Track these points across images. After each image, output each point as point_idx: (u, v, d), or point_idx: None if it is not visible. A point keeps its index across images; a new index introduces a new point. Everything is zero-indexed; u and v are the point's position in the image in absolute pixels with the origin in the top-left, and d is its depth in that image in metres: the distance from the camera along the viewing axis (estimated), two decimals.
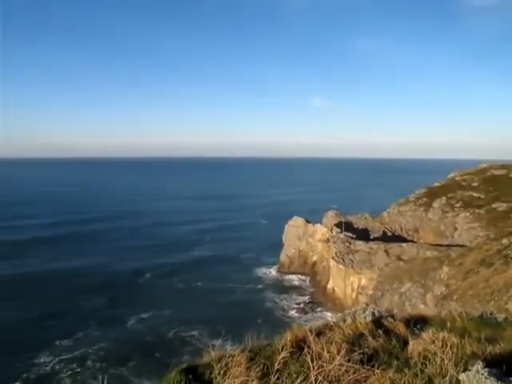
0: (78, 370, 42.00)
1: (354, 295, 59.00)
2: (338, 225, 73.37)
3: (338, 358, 6.16)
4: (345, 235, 67.48)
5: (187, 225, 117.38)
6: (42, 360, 44.08)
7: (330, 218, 79.34)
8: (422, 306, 46.62)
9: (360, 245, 63.02)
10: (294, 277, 73.52)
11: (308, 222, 79.85)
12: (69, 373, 41.58)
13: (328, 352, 6.51)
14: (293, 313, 58.10)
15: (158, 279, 70.62)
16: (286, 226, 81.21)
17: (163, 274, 73.20)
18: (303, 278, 73.22)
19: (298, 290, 67.72)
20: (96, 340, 48.81)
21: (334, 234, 69.86)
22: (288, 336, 8.21)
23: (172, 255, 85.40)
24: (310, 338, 7.10)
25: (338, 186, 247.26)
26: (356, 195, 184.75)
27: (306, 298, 63.77)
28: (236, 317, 52.44)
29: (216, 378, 8.54)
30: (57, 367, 42.67)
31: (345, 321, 7.62)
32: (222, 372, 8.34)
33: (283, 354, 7.24)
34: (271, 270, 77.49)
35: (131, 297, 62.48)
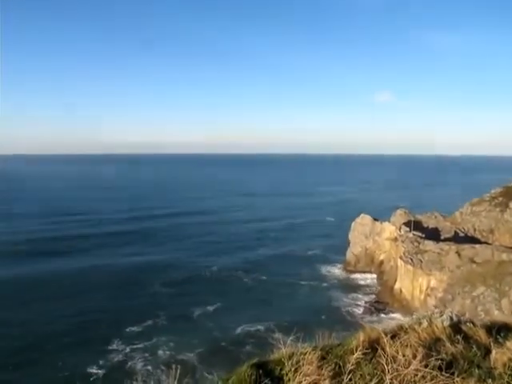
0: (150, 358, 43.61)
1: (422, 297, 56.94)
2: (407, 224, 71.06)
3: (414, 362, 6.00)
4: (414, 234, 65.27)
5: (254, 222, 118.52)
6: (114, 347, 46.26)
7: (399, 216, 77.02)
8: (496, 312, 44.23)
9: (430, 245, 60.67)
10: (360, 275, 72.19)
11: (375, 220, 78.04)
12: (141, 360, 43.22)
13: (403, 356, 6.35)
14: (359, 312, 57.05)
15: (225, 274, 71.96)
16: (353, 224, 79.81)
17: (230, 268, 74.48)
18: (369, 276, 71.69)
19: (364, 289, 66.43)
20: (165, 330, 50.57)
21: (403, 232, 67.77)
22: (361, 336, 8.11)
23: (239, 251, 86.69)
24: (385, 340, 6.97)
25: (404, 184, 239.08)
26: (423, 194, 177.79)
27: (373, 298, 62.39)
28: (302, 314, 52.47)
29: (287, 374, 8.62)
30: (129, 355, 44.56)
31: (420, 324, 7.40)
32: (292, 369, 8.41)
33: (356, 355, 7.18)
34: (337, 268, 76.54)
35: (198, 290, 64.16)
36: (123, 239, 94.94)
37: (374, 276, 71.55)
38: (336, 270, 75.15)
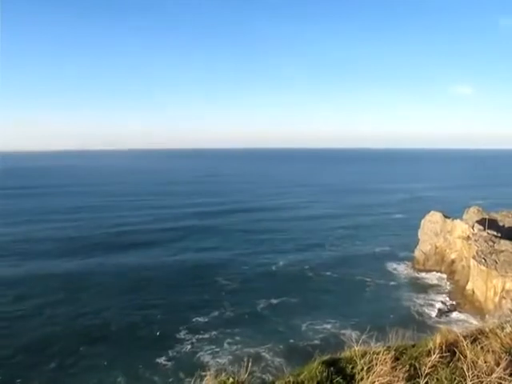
0: (217, 350, 44.50)
1: (496, 299, 53.83)
2: (481, 222, 67.54)
3: (498, 370, 5.72)
4: (488, 233, 61.91)
5: (322, 219, 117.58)
6: (182, 336, 47.75)
7: (472, 214, 73.37)
8: None
9: (506, 245, 57.30)
10: (429, 274, 69.56)
11: (446, 217, 74.77)
12: (208, 352, 44.17)
13: (485, 362, 6.08)
14: (431, 313, 54.88)
15: (291, 269, 72.08)
16: (423, 221, 77.00)
17: (296, 264, 74.56)
18: (439, 276, 68.88)
19: (434, 288, 63.94)
20: (230, 322, 51.47)
21: (476, 231, 64.49)
22: (437, 338, 7.88)
23: (306, 247, 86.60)
24: (464, 344, 6.72)
25: (480, 181, 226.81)
26: (500, 191, 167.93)
27: (443, 298, 59.89)
28: (370, 312, 51.49)
29: (359, 373, 8.56)
30: (196, 345, 45.72)
31: (503, 328, 7.06)
32: (365, 368, 8.33)
33: (433, 358, 6.99)
34: (405, 266, 74.24)
35: (263, 284, 64.70)
36: (193, 234, 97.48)
37: (444, 275, 68.67)
38: (404, 268, 72.94)
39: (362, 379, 8.28)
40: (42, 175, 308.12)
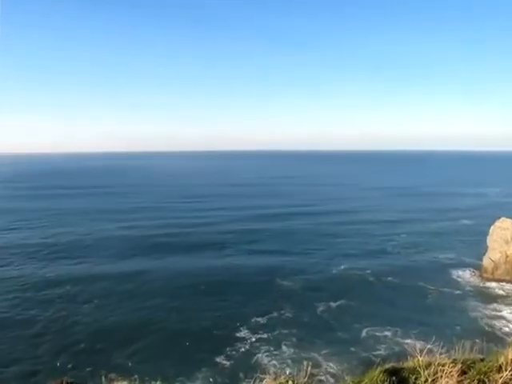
0: (275, 352, 44.50)
1: None
2: None
3: None
4: None
5: (385, 223, 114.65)
6: (242, 335, 48.37)
7: None
8: None
9: None
10: (498, 284, 65.84)
11: None
12: (266, 354, 44.28)
13: None
14: (500, 326, 51.79)
15: (352, 273, 70.88)
16: (492, 228, 73.10)
17: (357, 268, 73.01)
18: (509, 286, 65.05)
19: (504, 299, 60.39)
20: (288, 323, 51.45)
21: None
22: (509, 354, 7.47)
23: (368, 251, 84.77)
24: None
25: None
26: None
27: None
28: (433, 322, 49.64)
29: None
30: (254, 345, 46.08)
31: None
32: (429, 380, 8.07)
33: (504, 374, 6.63)
34: (471, 273, 70.80)
35: (323, 286, 64.13)
36: (255, 236, 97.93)
37: None
38: (470, 277, 69.56)
39: None
40: (108, 175, 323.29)
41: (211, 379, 39.45)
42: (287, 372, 39.02)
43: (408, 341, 44.29)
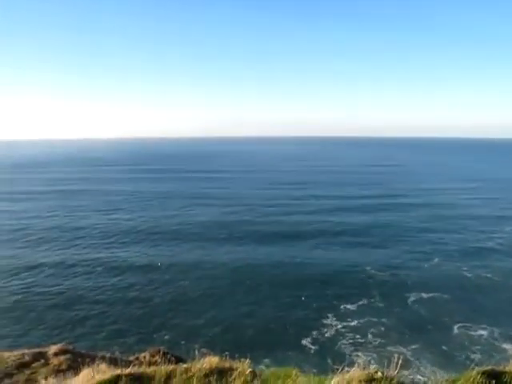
0: (360, 341, 44.01)
1: None
2: None
3: None
4: None
5: (488, 218, 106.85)
6: (329, 321, 48.39)
7: None
8: None
9: None
10: None
11: None
12: (350, 341, 43.93)
13: None
14: None
15: (445, 266, 67.47)
16: None
17: (452, 261, 69.48)
18: None
19: None
20: (377, 311, 50.58)
21: None
22: None
23: (465, 246, 79.60)
24: None
25: None
26: None
27: None
28: None
29: None
30: (340, 331, 45.91)
31: None
32: None
33: None
34: None
35: (414, 277, 61.97)
36: (347, 227, 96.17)
37: None
38: None
39: None
40: (203, 160, 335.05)
41: (295, 360, 40.02)
42: (372, 362, 38.61)
43: (506, 343, 41.52)
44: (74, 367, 17.81)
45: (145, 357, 21.44)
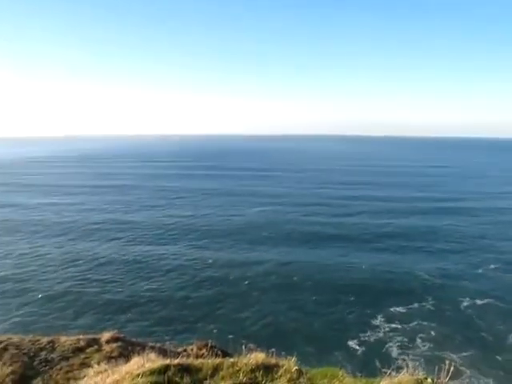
0: (409, 345, 42.98)
1: None
2: None
3: None
4: None
5: None
6: (377, 323, 47.61)
7: None
8: None
9: None
10: None
11: None
12: (397, 344, 42.97)
13: None
14: None
15: (501, 272, 64.60)
16: None
17: (510, 267, 66.46)
18: None
19: None
20: (428, 316, 49.13)
21: None
22: None
23: None
24: None
25: None
26: None
27: None
28: None
29: None
30: (388, 334, 44.98)
31: None
32: None
33: None
34: None
35: (469, 282, 59.80)
36: (401, 230, 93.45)
37: None
38: None
39: None
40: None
41: (340, 360, 39.65)
42: (420, 368, 37.42)
43: None
44: (124, 355, 18.45)
45: (192, 349, 21.90)
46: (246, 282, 59.90)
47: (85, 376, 16.25)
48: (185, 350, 21.44)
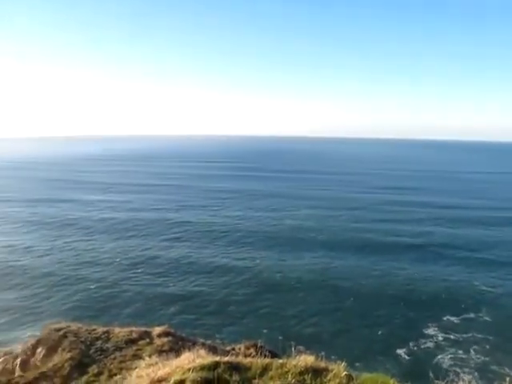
0: (462, 356, 41.29)
1: None
2: None
3: None
4: None
5: None
6: (429, 332, 46.08)
7: None
8: None
9: None
10: None
11: None
12: (450, 356, 41.33)
13: None
14: None
15: None
16: None
17: None
18: None
19: None
20: (484, 327, 47.09)
21: None
22: None
23: None
24: None
25: None
26: None
27: None
28: None
29: None
30: (440, 344, 43.39)
31: None
32: None
33: None
34: None
35: None
36: (454, 241, 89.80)
37: None
38: None
39: None
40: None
41: (388, 368, 38.70)
42: (474, 382, 35.84)
43: None
44: (174, 349, 18.91)
45: (240, 348, 22.13)
46: (293, 283, 59.71)
47: (136, 367, 16.78)
48: (233, 349, 21.70)
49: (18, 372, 19.29)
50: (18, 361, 19.99)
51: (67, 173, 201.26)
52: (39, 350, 19.90)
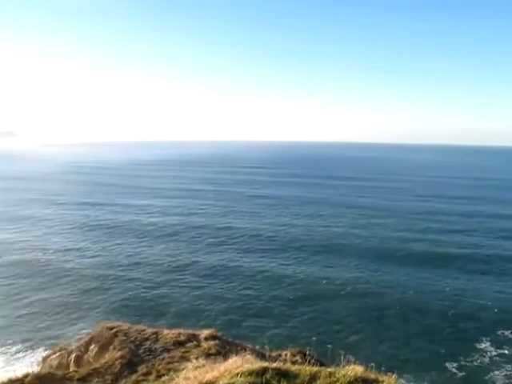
0: None
1: None
2: None
3: None
4: None
5: None
6: (482, 346, 44.18)
7: None
8: None
9: None
10: None
11: None
12: (505, 373, 39.44)
13: None
14: None
15: None
16: None
17: None
18: None
19: None
20: None
21: None
22: None
23: None
24: None
25: None
26: None
27: None
28: None
29: None
30: (495, 360, 41.41)
31: None
32: None
33: None
34: None
35: None
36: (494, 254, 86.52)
37: None
38: None
39: None
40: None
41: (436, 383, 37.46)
42: None
43: None
44: (221, 353, 19.05)
45: (286, 354, 22.02)
46: (339, 290, 58.92)
47: (184, 369, 16.97)
48: (279, 355, 21.62)
49: (72, 367, 20.05)
50: (73, 356, 20.79)
51: (119, 177, 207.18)
52: (92, 346, 20.62)
